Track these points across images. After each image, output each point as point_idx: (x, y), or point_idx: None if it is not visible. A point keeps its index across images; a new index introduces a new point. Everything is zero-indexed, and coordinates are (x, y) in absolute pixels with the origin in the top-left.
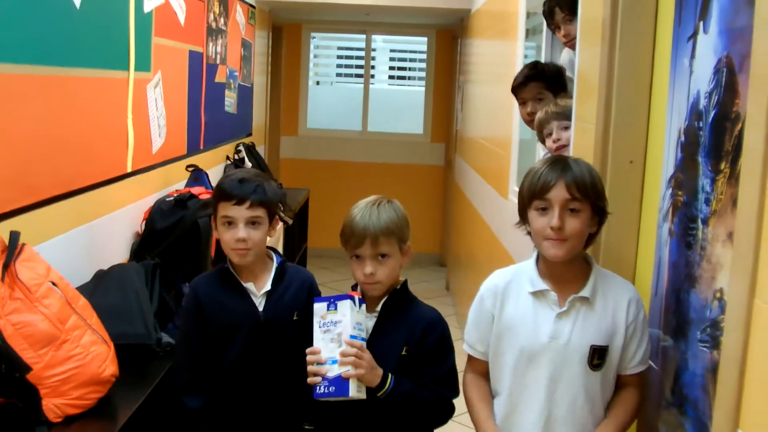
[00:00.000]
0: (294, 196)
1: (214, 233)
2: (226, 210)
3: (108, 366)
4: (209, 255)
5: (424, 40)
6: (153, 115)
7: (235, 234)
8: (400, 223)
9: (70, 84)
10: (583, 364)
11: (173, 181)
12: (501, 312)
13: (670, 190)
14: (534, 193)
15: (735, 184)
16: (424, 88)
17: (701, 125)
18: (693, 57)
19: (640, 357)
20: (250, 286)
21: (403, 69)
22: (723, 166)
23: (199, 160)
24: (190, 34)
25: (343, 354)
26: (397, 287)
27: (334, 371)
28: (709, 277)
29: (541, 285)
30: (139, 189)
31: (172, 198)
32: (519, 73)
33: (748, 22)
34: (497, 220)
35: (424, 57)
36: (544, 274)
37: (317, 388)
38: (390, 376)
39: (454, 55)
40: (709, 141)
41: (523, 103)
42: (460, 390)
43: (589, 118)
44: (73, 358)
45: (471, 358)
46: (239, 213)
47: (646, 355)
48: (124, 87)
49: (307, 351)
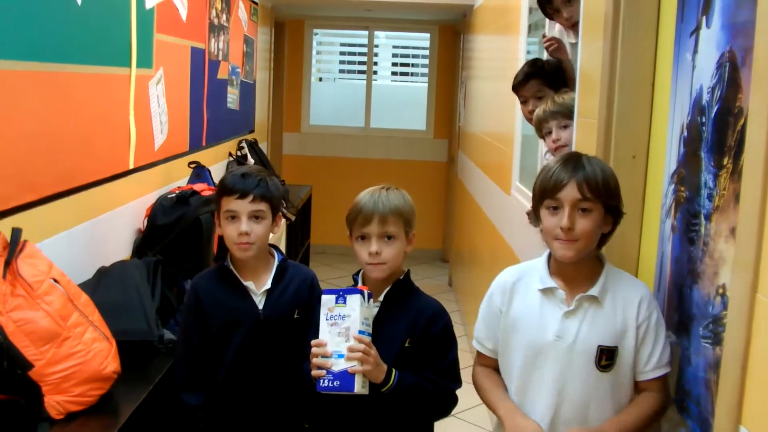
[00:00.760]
0: (296, 192)
1: (216, 230)
2: (229, 204)
3: (110, 363)
4: (211, 252)
5: (427, 36)
6: (155, 111)
7: (238, 228)
8: (408, 209)
9: (72, 81)
10: (591, 365)
11: (175, 178)
12: (509, 308)
13: (673, 186)
14: (545, 191)
15: (737, 180)
16: (426, 84)
17: (704, 120)
18: (696, 52)
19: (656, 360)
20: (250, 284)
21: (406, 65)
22: (726, 162)
23: (202, 156)
24: (192, 30)
25: (351, 349)
26: (400, 277)
27: (339, 365)
28: (711, 273)
29: (550, 283)
30: (141, 186)
31: (174, 195)
32: (519, 71)
33: (750, 16)
34: (500, 216)
35: (426, 53)
36: (554, 272)
37: (321, 381)
38: (394, 371)
39: (457, 51)
40: (711, 136)
41: (524, 102)
42: (462, 381)
43: (591, 114)
44: (75, 355)
45: (480, 355)
46: (242, 207)
47: (664, 359)
48: (126, 84)
49: (313, 343)
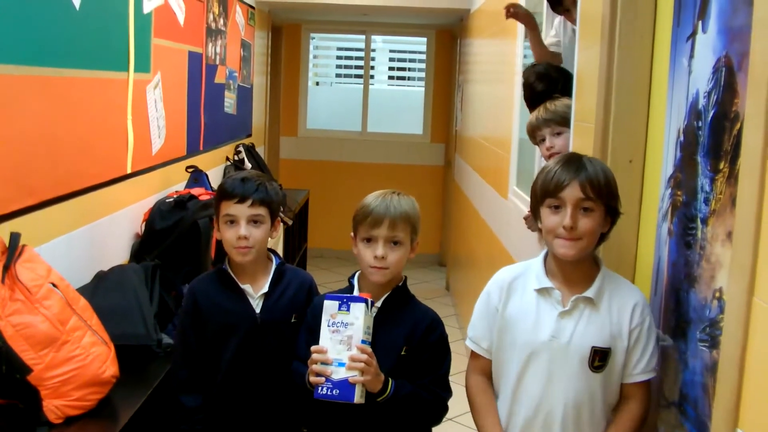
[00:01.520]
0: (294, 196)
1: (214, 234)
2: (228, 208)
3: (108, 367)
4: (209, 256)
5: (424, 40)
6: (152, 116)
7: (236, 232)
8: (416, 216)
9: (70, 85)
10: (584, 365)
11: (173, 182)
12: (505, 306)
13: (670, 190)
14: (547, 191)
15: (734, 184)
16: (423, 89)
17: (700, 125)
18: (692, 56)
19: (643, 365)
20: (247, 287)
21: (403, 69)
22: (722, 166)
23: (199, 161)
24: (190, 34)
25: (353, 359)
26: (399, 284)
27: (340, 374)
28: (708, 277)
29: (546, 283)
30: (138, 190)
31: (171, 199)
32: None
33: (746, 21)
34: (497, 220)
35: (423, 57)
36: (551, 272)
37: (319, 388)
38: (390, 381)
39: (454, 55)
40: (708, 140)
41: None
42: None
43: (588, 118)
44: (74, 359)
45: (474, 356)
46: (241, 211)
47: (651, 364)
48: (124, 88)
49: (313, 349)
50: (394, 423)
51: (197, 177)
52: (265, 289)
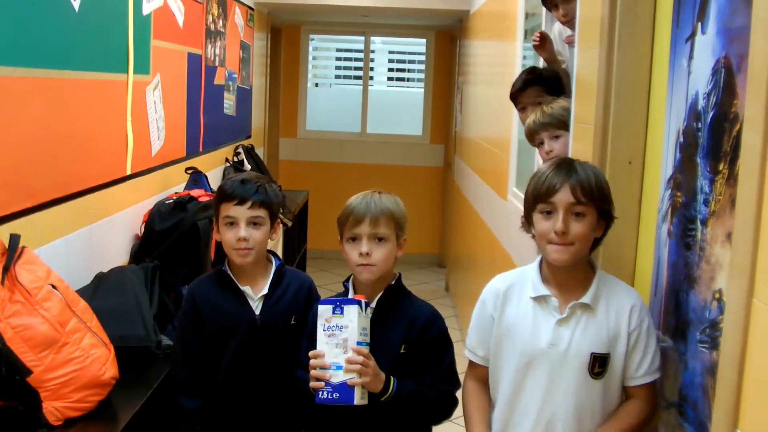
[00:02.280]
0: (293, 197)
1: (214, 236)
2: (228, 210)
3: (108, 368)
4: (209, 257)
5: (423, 41)
6: (152, 117)
7: (236, 234)
8: (400, 213)
9: (69, 87)
10: (584, 372)
11: (172, 184)
12: (501, 315)
13: (669, 191)
14: (539, 196)
15: (733, 185)
16: (423, 90)
17: (700, 126)
18: (691, 58)
19: (646, 367)
20: (247, 289)
21: (402, 70)
22: (721, 167)
23: (199, 162)
24: (189, 36)
25: (350, 361)
26: (392, 283)
27: (338, 377)
28: (708, 278)
29: (543, 290)
30: (138, 191)
31: (171, 200)
32: (517, 78)
33: (745, 22)
34: (496, 221)
35: (422, 58)
36: (546, 279)
37: (320, 393)
38: (392, 380)
39: (453, 57)
40: (707, 142)
41: (522, 109)
42: (461, 382)
43: (587, 119)
44: (73, 361)
45: (472, 364)
46: (241, 213)
47: (654, 365)
48: (123, 90)
49: (311, 354)
50: (400, 422)
51: (197, 178)
52: (265, 290)
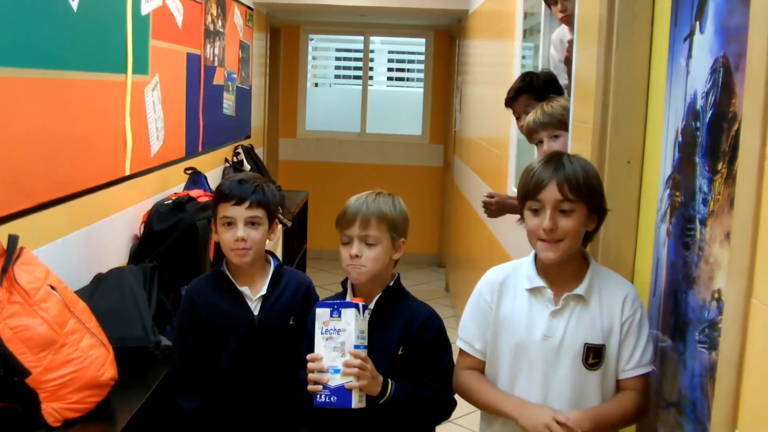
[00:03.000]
0: (293, 198)
1: (213, 236)
2: (226, 210)
3: (107, 369)
4: (207, 258)
5: (422, 41)
6: (151, 117)
7: (234, 234)
8: (396, 215)
9: (68, 87)
10: (578, 363)
11: (171, 184)
12: (497, 307)
13: (668, 191)
14: (527, 193)
15: (732, 185)
16: (422, 90)
17: (698, 125)
18: (690, 57)
19: (637, 358)
20: (245, 290)
21: (402, 70)
22: (720, 167)
23: (198, 162)
24: (188, 36)
25: (347, 365)
26: (390, 284)
27: (336, 381)
28: (707, 278)
29: (537, 282)
30: (137, 192)
31: (170, 201)
32: (511, 86)
33: (743, 21)
34: (496, 221)
35: (422, 58)
36: (541, 271)
37: (318, 396)
38: (390, 383)
39: (452, 56)
40: (706, 141)
41: (517, 117)
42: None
43: (586, 119)
44: (72, 362)
45: (465, 356)
46: (238, 213)
47: (645, 358)
48: (122, 90)
49: (308, 357)
50: (399, 424)
51: (196, 179)
52: (263, 291)
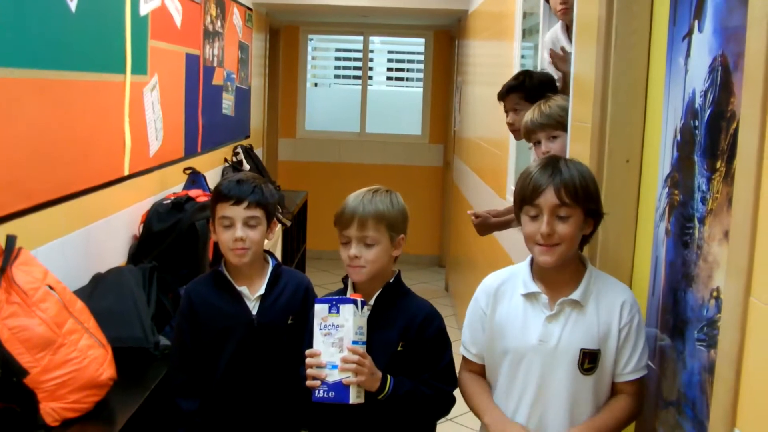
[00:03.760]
0: (292, 198)
1: (211, 236)
2: (224, 210)
3: (105, 369)
4: (206, 258)
5: (422, 41)
6: (150, 118)
7: (233, 234)
8: (394, 213)
9: (67, 88)
10: (574, 368)
11: (170, 184)
12: (493, 313)
13: (667, 189)
14: (525, 198)
15: (731, 183)
16: (422, 89)
17: (697, 124)
18: (688, 56)
19: (634, 363)
20: (244, 289)
21: (401, 70)
22: (719, 165)
23: (197, 162)
24: (187, 36)
25: (345, 360)
26: (390, 280)
27: (334, 376)
28: (705, 276)
29: (533, 287)
30: (136, 192)
31: (169, 201)
32: (506, 82)
33: (742, 21)
34: None
35: (421, 58)
36: (537, 276)
37: (316, 391)
38: (389, 379)
39: (452, 56)
40: (704, 140)
41: (505, 112)
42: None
43: (585, 118)
44: (71, 362)
45: (466, 361)
46: (237, 213)
47: (642, 362)
48: (121, 90)
49: (307, 353)
50: (397, 420)
51: (195, 179)
52: (262, 290)
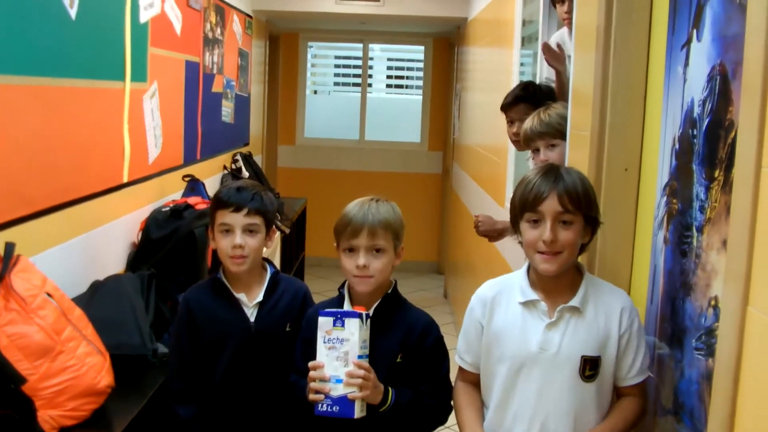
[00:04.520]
0: (291, 205)
1: (210, 243)
2: (224, 217)
3: (103, 377)
4: (205, 265)
5: (421, 48)
6: (149, 125)
7: (232, 241)
8: (398, 221)
9: (66, 95)
10: (575, 376)
11: (170, 192)
12: (490, 322)
13: (665, 198)
14: (526, 204)
15: (729, 192)
16: (421, 97)
17: (695, 133)
18: (687, 65)
19: (638, 368)
20: (242, 296)
21: (401, 77)
22: (717, 174)
23: (196, 170)
24: (187, 44)
25: (351, 375)
26: (389, 291)
27: (338, 390)
28: (704, 285)
29: (531, 295)
30: (135, 199)
31: (168, 208)
32: (510, 92)
33: (740, 29)
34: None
35: (421, 65)
36: (534, 283)
37: (319, 405)
38: (391, 391)
39: (451, 64)
40: (703, 149)
41: (510, 122)
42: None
43: (583, 126)
44: (69, 370)
45: (462, 370)
46: (236, 220)
47: (645, 365)
48: (120, 97)
49: (310, 365)
50: (398, 429)
51: (194, 186)
52: (260, 298)
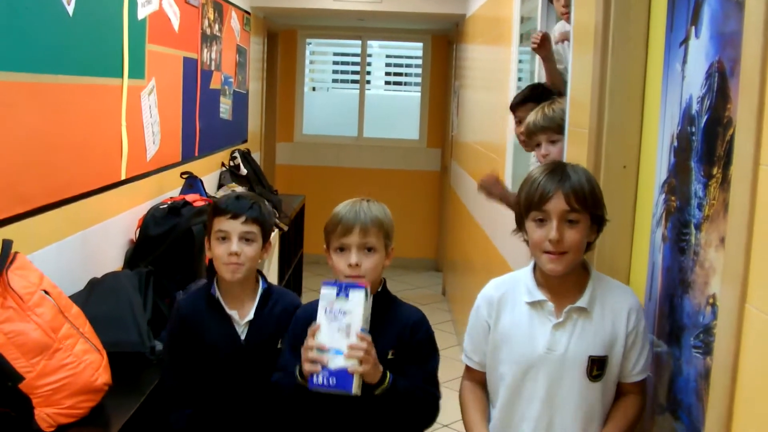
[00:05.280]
0: (290, 202)
1: (207, 253)
2: (221, 224)
3: (101, 374)
4: (203, 262)
5: (420, 45)
6: (147, 122)
7: (228, 248)
8: (388, 221)
9: (64, 92)
10: (582, 376)
11: (168, 189)
12: (497, 322)
13: (664, 195)
14: (531, 203)
15: (727, 189)
16: (419, 94)
17: (693, 130)
18: (685, 62)
19: (642, 365)
20: (234, 314)
21: (399, 74)
22: (715, 171)
23: (194, 167)
24: (185, 40)
25: (353, 347)
26: (379, 289)
27: (337, 363)
28: (702, 283)
29: (538, 295)
30: (133, 196)
31: (166, 205)
32: (519, 92)
33: (738, 27)
34: (492, 225)
35: (419, 62)
36: (541, 283)
37: (315, 377)
38: (388, 373)
39: (450, 61)
40: (701, 146)
41: (518, 122)
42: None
43: (582, 124)
44: (66, 367)
45: (468, 369)
46: (233, 227)
47: (648, 363)
48: (118, 94)
49: (309, 331)
50: (390, 420)
51: (192, 183)
52: (251, 316)
